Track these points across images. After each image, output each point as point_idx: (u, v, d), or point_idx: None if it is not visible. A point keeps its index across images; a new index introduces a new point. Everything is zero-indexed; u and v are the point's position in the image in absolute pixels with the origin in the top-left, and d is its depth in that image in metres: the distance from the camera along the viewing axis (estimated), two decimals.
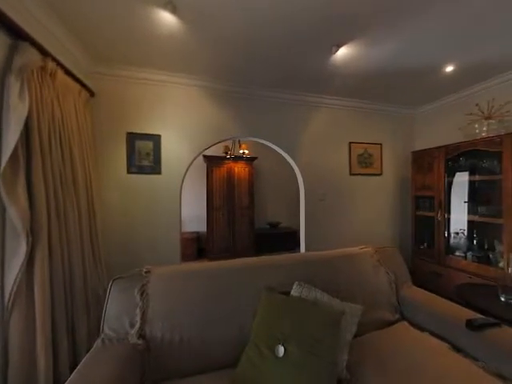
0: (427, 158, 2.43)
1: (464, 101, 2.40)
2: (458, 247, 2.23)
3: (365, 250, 1.45)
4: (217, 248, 3.71)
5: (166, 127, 2.10)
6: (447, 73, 2.05)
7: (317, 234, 2.55)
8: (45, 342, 1.06)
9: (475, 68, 1.98)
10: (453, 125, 2.47)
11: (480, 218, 2.05)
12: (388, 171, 2.85)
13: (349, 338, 0.94)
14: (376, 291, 1.27)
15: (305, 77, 2.11)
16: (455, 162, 2.24)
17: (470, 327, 0.98)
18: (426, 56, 1.81)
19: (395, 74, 2.06)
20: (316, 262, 1.29)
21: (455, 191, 2.26)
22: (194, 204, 4.15)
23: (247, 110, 2.35)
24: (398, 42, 1.63)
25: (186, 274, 1.11)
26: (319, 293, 1.04)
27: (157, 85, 2.06)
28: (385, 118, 2.85)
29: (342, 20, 1.41)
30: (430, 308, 1.18)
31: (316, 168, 2.58)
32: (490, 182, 2.02)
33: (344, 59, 1.82)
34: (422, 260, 2.49)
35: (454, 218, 2.25)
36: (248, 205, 3.89)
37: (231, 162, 3.81)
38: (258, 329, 0.93)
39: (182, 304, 1.01)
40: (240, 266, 1.19)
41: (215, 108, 2.25)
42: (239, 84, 2.24)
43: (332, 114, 2.65)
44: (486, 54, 1.79)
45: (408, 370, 0.87)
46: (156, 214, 2.07)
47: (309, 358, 0.79)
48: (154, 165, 2.06)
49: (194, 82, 2.15)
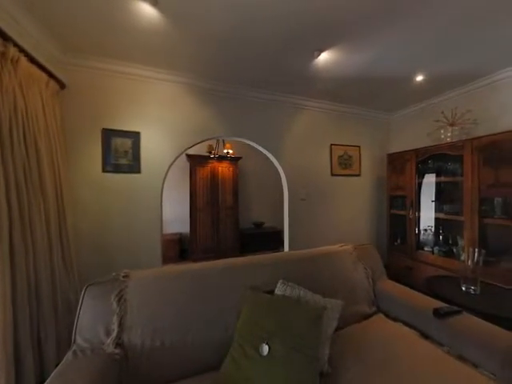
0: (400, 161, 2.61)
1: (432, 108, 2.61)
2: (427, 243, 2.42)
3: (344, 247, 1.52)
4: (201, 249, 3.63)
5: (146, 124, 2.01)
6: (418, 82, 2.21)
7: (300, 233, 2.61)
8: (5, 358, 0.96)
9: (441, 79, 2.17)
10: (423, 130, 2.67)
11: (445, 215, 2.25)
12: (366, 172, 3.01)
13: (330, 332, 0.97)
14: (355, 286, 1.34)
15: (289, 79, 2.15)
16: (424, 164, 2.43)
17: (436, 316, 1.07)
18: (399, 65, 1.94)
19: (372, 80, 2.18)
20: (299, 261, 1.32)
21: (424, 191, 2.45)
22: (177, 204, 4.03)
23: (232, 109, 2.33)
24: (375, 51, 1.73)
25: (167, 277, 1.07)
26: (302, 290, 1.06)
27: (136, 79, 1.96)
28: (363, 122, 3.00)
29: (324, 26, 1.46)
30: (403, 300, 1.27)
31: (299, 168, 2.64)
32: (453, 182, 2.22)
33: (325, 64, 1.89)
34: (396, 255, 2.67)
35: (423, 215, 2.44)
36: (232, 205, 3.86)
37: (215, 161, 3.75)
38: (242, 329, 0.93)
39: (163, 308, 0.97)
40: (224, 266, 1.18)
41: (199, 106, 2.20)
42: (224, 83, 2.22)
43: (315, 116, 2.73)
44: (449, 67, 1.97)
45: (384, 359, 0.93)
46: (135, 214, 1.97)
47: (293, 355, 0.81)
48: (133, 163, 1.95)
49: (177, 79, 2.08)
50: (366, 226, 3.02)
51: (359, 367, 0.90)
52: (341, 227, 2.84)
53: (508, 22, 1.44)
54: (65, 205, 1.54)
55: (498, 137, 1.82)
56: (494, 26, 1.48)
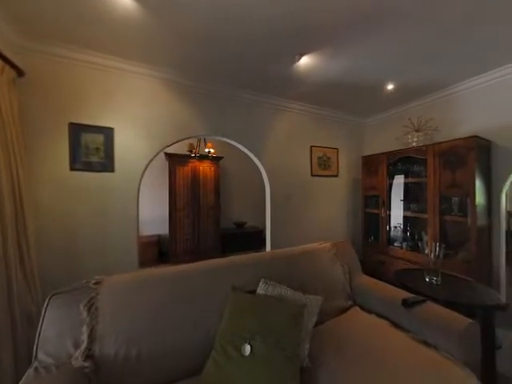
0: (374, 163, 2.79)
1: (401, 115, 2.84)
2: (396, 239, 2.63)
3: (323, 245, 1.58)
4: (180, 251, 3.51)
5: (121, 120, 1.89)
6: (389, 90, 2.39)
7: (281, 233, 2.65)
8: None
9: (409, 88, 2.37)
10: (393, 134, 2.89)
11: (412, 213, 2.46)
12: (343, 173, 3.17)
13: (310, 327, 1.01)
14: (333, 282, 1.40)
15: (271, 80, 2.18)
16: (395, 166, 2.63)
17: (404, 305, 1.17)
18: (373, 74, 2.07)
19: (349, 86, 2.30)
20: (280, 260, 1.34)
21: (394, 191, 2.66)
22: (155, 205, 3.85)
23: (214, 107, 2.30)
24: (352, 59, 1.83)
25: (144, 281, 1.02)
26: (284, 288, 1.08)
27: (110, 72, 1.84)
28: (341, 126, 3.15)
29: (305, 31, 1.51)
30: (376, 292, 1.36)
31: (281, 169, 2.68)
32: (418, 183, 2.43)
33: (306, 68, 1.95)
34: (369, 251, 2.85)
35: (393, 214, 2.64)
36: (214, 205, 3.80)
37: (196, 160, 3.66)
38: (224, 330, 0.92)
39: (140, 314, 0.92)
40: (205, 267, 1.16)
41: (179, 103, 2.13)
42: (205, 80, 2.17)
43: (296, 118, 2.80)
44: (416, 78, 2.16)
45: (359, 349, 0.98)
46: (108, 216, 1.84)
47: (274, 353, 0.82)
48: (106, 161, 1.82)
49: (156, 74, 1.99)
50: (343, 223, 3.17)
51: (337, 359, 0.94)
52: (320, 225, 2.95)
53: (465, 39, 1.62)
54: (24, 207, 1.39)
55: (454, 143, 2.04)
56: (454, 43, 1.66)
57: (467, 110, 2.26)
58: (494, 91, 2.08)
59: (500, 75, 2.00)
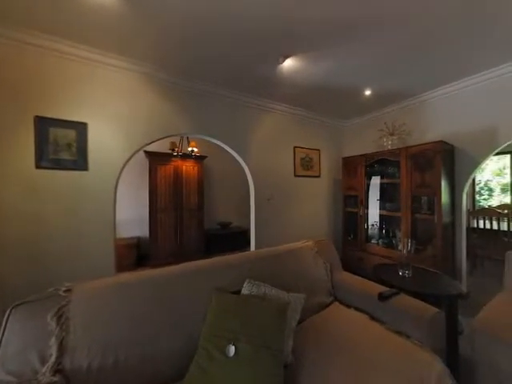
0: (353, 164, 2.93)
1: (377, 119, 3.02)
2: (373, 236, 2.79)
3: (306, 244, 1.62)
4: (162, 253, 3.38)
5: (96, 115, 1.77)
6: (367, 96, 2.52)
7: (266, 232, 2.68)
8: None
9: (384, 95, 2.53)
10: (371, 137, 3.06)
11: (387, 212, 2.63)
12: (325, 174, 3.28)
13: (294, 324, 1.03)
14: (316, 279, 1.45)
15: (255, 80, 2.19)
16: (372, 167, 2.79)
17: (380, 298, 1.25)
18: (352, 79, 2.18)
19: (330, 90, 2.39)
20: (265, 259, 1.35)
21: (371, 191, 2.81)
22: (134, 205, 3.66)
23: (197, 106, 2.25)
24: (333, 63, 1.90)
25: (122, 286, 0.96)
26: (268, 287, 1.09)
27: (84, 63, 1.71)
28: (322, 127, 3.27)
29: (290, 34, 1.54)
30: (355, 288, 1.43)
31: (265, 169, 2.71)
32: (393, 184, 2.60)
33: (289, 70, 1.99)
34: (349, 248, 2.98)
35: (370, 212, 2.80)
36: (197, 205, 3.72)
37: (179, 159, 3.55)
38: (208, 332, 0.91)
39: (117, 321, 0.87)
40: (188, 269, 1.13)
41: (161, 100, 2.05)
42: (189, 78, 2.12)
43: (280, 119, 2.85)
44: (390, 85, 2.31)
45: (339, 343, 1.03)
46: (81, 218, 1.71)
47: (259, 352, 0.82)
48: (78, 159, 1.70)
49: (136, 68, 1.90)
50: (324, 222, 3.29)
51: (318, 354, 0.97)
52: (303, 224, 3.03)
53: (430, 53, 1.77)
54: None
55: (423, 147, 2.22)
56: (422, 55, 1.80)
57: (435, 117, 2.47)
58: (456, 101, 2.29)
59: (461, 87, 2.22)
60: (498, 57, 1.83)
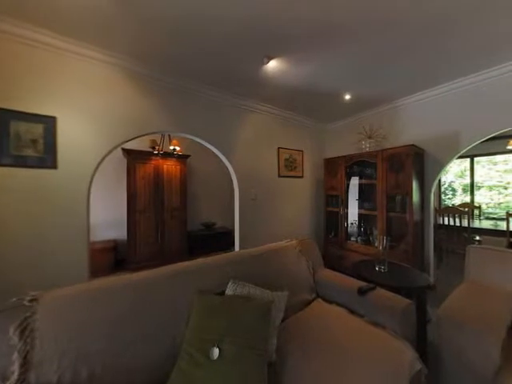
0: (334, 165, 3.05)
1: (357, 123, 3.17)
2: (353, 234, 2.93)
3: (289, 243, 1.66)
4: (141, 256, 3.22)
5: (67, 109, 1.64)
6: (347, 100, 2.64)
7: (250, 232, 2.68)
8: None
9: (362, 100, 2.66)
10: (350, 140, 3.21)
11: (365, 211, 2.77)
12: (308, 174, 3.37)
13: (278, 323, 1.04)
14: (299, 278, 1.48)
15: (240, 80, 2.18)
16: (351, 168, 2.92)
17: (359, 293, 1.31)
18: (333, 84, 2.26)
19: (312, 93, 2.46)
20: (249, 259, 1.36)
21: (351, 191, 2.95)
22: (111, 206, 3.45)
23: (180, 103, 2.18)
24: (315, 67, 1.96)
25: (96, 292, 0.90)
26: (252, 287, 1.10)
27: (53, 52, 1.58)
28: (306, 129, 3.35)
29: (274, 35, 1.55)
30: (336, 284, 1.49)
31: (249, 169, 2.71)
32: (370, 184, 2.75)
33: (274, 71, 2.01)
34: (330, 246, 3.10)
35: (350, 212, 2.93)
36: (180, 206, 3.60)
37: (160, 158, 3.41)
38: (191, 336, 0.88)
39: (92, 330, 0.82)
40: (170, 272, 1.09)
41: (141, 96, 1.96)
42: (172, 74, 2.04)
43: (264, 119, 2.87)
44: (368, 91, 2.44)
45: (321, 337, 1.06)
46: (50, 221, 1.57)
47: (243, 352, 0.82)
48: (45, 156, 1.56)
49: (113, 61, 1.79)
50: (307, 221, 3.38)
51: (301, 350, 0.99)
52: (287, 224, 3.08)
53: (406, 62, 1.90)
54: None
55: (397, 150, 2.38)
56: (399, 65, 1.93)
57: (407, 122, 2.65)
58: (426, 108, 2.49)
59: (430, 95, 2.41)
60: (461, 69, 2.02)
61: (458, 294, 1.29)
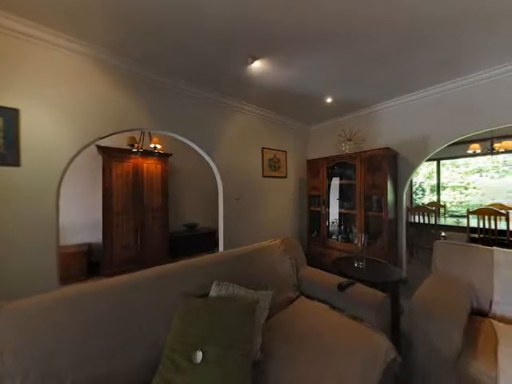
0: (316, 166, 3.15)
1: (338, 125, 3.30)
2: (334, 232, 3.04)
3: (273, 242, 1.68)
4: (118, 260, 3.04)
5: (32, 101, 1.49)
6: (328, 103, 2.74)
7: (234, 232, 2.67)
8: None
9: (343, 104, 2.78)
10: (332, 141, 3.33)
11: (345, 210, 2.90)
12: (291, 174, 3.44)
13: (262, 322, 1.05)
14: (283, 276, 1.50)
15: (225, 78, 2.16)
16: (332, 169, 3.04)
17: (339, 289, 1.37)
18: (316, 87, 2.33)
19: (296, 95, 2.52)
20: (233, 260, 1.35)
21: (332, 191, 3.06)
22: (84, 208, 3.21)
23: (162, 100, 2.10)
24: (299, 70, 2.01)
25: (67, 301, 0.84)
26: (236, 288, 1.09)
27: (14, 36, 1.42)
28: (289, 130, 3.41)
29: (258, 35, 1.56)
30: (318, 281, 1.54)
31: (234, 169, 2.69)
32: (350, 185, 2.89)
33: (258, 72, 2.02)
34: (313, 244, 3.19)
35: (331, 211, 3.04)
36: (161, 206, 3.47)
37: (139, 157, 3.25)
38: (173, 340, 0.86)
39: (61, 341, 0.76)
40: (151, 275, 1.05)
41: (118, 90, 1.85)
42: (153, 69, 1.96)
43: (249, 119, 2.87)
44: (347, 96, 2.55)
45: (304, 333, 1.09)
46: (10, 224, 1.42)
47: (228, 353, 0.81)
48: (6, 152, 1.41)
49: (86, 51, 1.67)
50: (290, 221, 3.45)
51: (285, 348, 1.01)
52: (271, 223, 3.11)
53: (382, 71, 2.02)
54: None
55: (374, 152, 2.52)
56: (375, 72, 2.04)
57: (383, 126, 2.82)
58: (400, 113, 2.67)
59: (403, 101, 2.59)
60: (429, 80, 2.20)
61: (427, 286, 1.40)
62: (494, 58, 1.82)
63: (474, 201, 4.21)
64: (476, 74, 2.04)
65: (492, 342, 1.06)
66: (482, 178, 4.17)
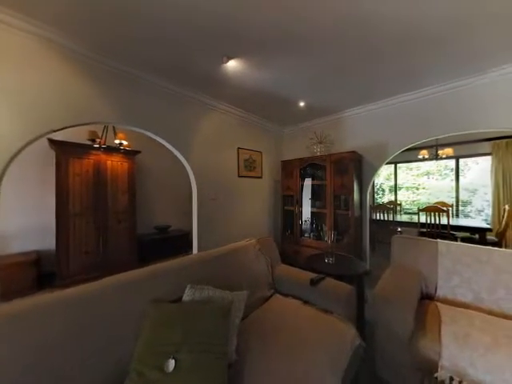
0: (290, 167, 3.26)
1: (310, 128, 3.46)
2: (306, 231, 3.19)
3: (249, 242, 1.69)
4: (77, 269, 2.72)
5: None
6: (301, 107, 2.86)
7: (210, 233, 2.60)
8: None
9: (314, 108, 2.93)
10: (304, 144, 3.48)
11: (316, 209, 3.06)
12: (266, 175, 3.50)
13: (237, 322, 1.04)
14: (258, 275, 1.52)
15: (199, 75, 2.09)
16: (305, 170, 3.18)
17: (311, 284, 1.44)
18: (290, 90, 2.41)
19: (271, 97, 2.57)
20: (208, 261, 1.32)
21: (305, 191, 3.20)
22: (33, 210, 2.79)
23: (132, 94, 1.95)
24: (273, 73, 2.05)
25: (10, 318, 0.72)
26: (211, 290, 1.07)
27: None
28: (265, 132, 3.47)
29: (233, 35, 1.55)
30: (291, 278, 1.60)
31: (208, 168, 2.63)
32: (321, 185, 3.06)
33: (234, 71, 2.01)
34: (287, 243, 3.29)
35: (304, 210, 3.18)
36: (128, 208, 3.20)
37: (101, 153, 2.95)
38: (142, 351, 0.80)
39: (2, 368, 0.65)
40: (116, 283, 0.96)
41: (79, 79, 1.66)
42: (120, 59, 1.80)
43: (225, 119, 2.83)
44: (318, 101, 2.70)
45: (278, 330, 1.12)
46: None
47: (202, 358, 0.79)
48: None
49: (39, 32, 1.46)
50: (266, 220, 3.50)
51: (259, 346, 1.02)
52: (247, 223, 3.12)
53: (349, 80, 2.18)
54: None
55: (342, 155, 2.71)
56: (342, 81, 2.19)
57: (350, 131, 3.05)
58: (364, 120, 2.92)
59: (368, 109, 2.84)
60: (389, 90, 2.45)
61: (386, 277, 1.56)
62: (442, 75, 2.11)
63: (423, 200, 4.83)
64: (427, 89, 2.34)
65: (437, 322, 1.22)
66: (429, 179, 4.81)
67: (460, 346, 1.06)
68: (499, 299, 1.33)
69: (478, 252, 1.47)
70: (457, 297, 1.45)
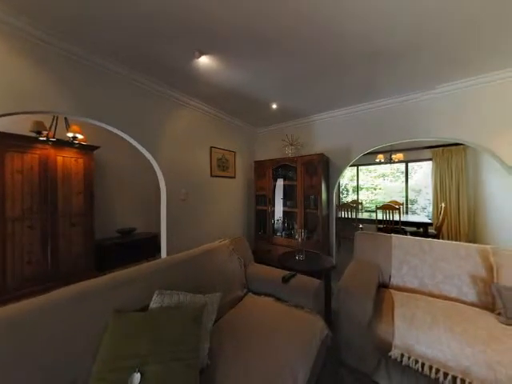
0: (263, 167, 3.31)
1: (282, 130, 3.57)
2: (278, 230, 3.28)
3: (223, 242, 1.66)
4: (16, 282, 2.32)
5: None
6: (274, 109, 2.92)
7: (180, 235, 2.49)
8: None
9: (286, 111, 3.03)
10: (276, 145, 3.57)
11: (288, 208, 3.17)
12: (239, 175, 3.49)
13: (210, 326, 1.02)
14: (231, 276, 1.51)
15: (168, 68, 1.97)
16: (277, 171, 3.27)
17: (283, 281, 1.49)
18: (263, 92, 2.45)
19: (244, 97, 2.57)
20: (178, 265, 1.25)
21: (277, 191, 3.29)
22: None
23: (90, 82, 1.75)
24: (247, 73, 2.06)
25: None
26: (182, 294, 1.02)
27: None
28: (238, 131, 3.45)
29: (204, 30, 1.50)
30: (264, 276, 1.62)
31: (179, 167, 2.51)
32: (292, 185, 3.18)
33: (206, 68, 1.95)
34: (260, 242, 3.34)
35: (276, 209, 3.27)
36: (83, 210, 2.85)
37: (50, 147, 2.57)
38: (101, 369, 0.72)
39: None
40: (68, 295, 0.85)
41: (24, 60, 1.42)
42: (76, 41, 1.60)
43: (197, 116, 2.73)
44: (290, 105, 2.80)
45: (250, 328, 1.13)
46: None
47: (171, 367, 0.75)
48: None
49: None
50: (239, 220, 3.49)
51: (232, 347, 1.01)
52: (220, 223, 3.07)
53: (317, 87, 2.31)
54: None
55: (311, 157, 2.87)
56: (311, 88, 2.32)
57: (318, 135, 3.24)
58: (330, 125, 3.13)
59: (333, 115, 3.05)
60: (352, 99, 2.67)
61: (350, 270, 1.70)
62: (395, 89, 2.39)
63: (380, 199, 5.40)
64: (383, 100, 2.63)
65: (390, 307, 1.38)
66: (384, 181, 5.41)
67: (408, 326, 1.21)
68: (439, 283, 1.56)
69: (422, 243, 1.71)
70: (406, 283, 1.66)
